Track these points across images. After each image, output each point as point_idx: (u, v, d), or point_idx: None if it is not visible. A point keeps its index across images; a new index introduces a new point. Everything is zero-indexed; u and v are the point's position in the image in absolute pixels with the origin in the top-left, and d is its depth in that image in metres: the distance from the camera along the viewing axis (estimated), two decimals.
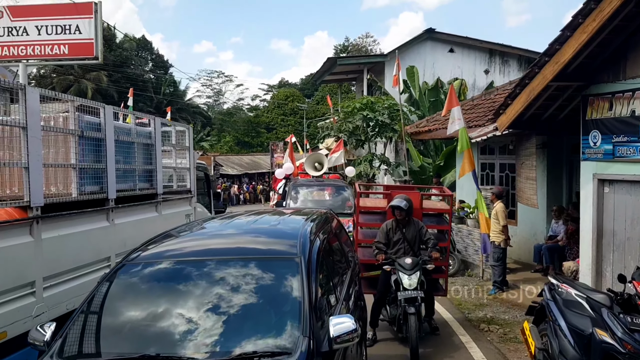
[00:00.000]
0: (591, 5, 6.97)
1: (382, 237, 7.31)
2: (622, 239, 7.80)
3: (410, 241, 7.24)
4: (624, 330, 4.57)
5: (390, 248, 7.30)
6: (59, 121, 5.99)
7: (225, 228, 5.11)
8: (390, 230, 7.32)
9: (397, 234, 7.29)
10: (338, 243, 5.67)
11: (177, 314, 3.65)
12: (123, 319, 3.74)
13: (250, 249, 4.40)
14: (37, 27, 10.89)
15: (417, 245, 7.30)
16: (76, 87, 40.66)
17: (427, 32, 23.12)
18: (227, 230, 5.04)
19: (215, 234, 4.97)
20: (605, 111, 7.83)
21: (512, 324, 8.22)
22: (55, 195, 5.69)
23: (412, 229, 7.28)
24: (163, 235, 4.77)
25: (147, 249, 4.36)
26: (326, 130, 23.31)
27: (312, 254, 4.17)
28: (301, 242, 4.25)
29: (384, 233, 7.32)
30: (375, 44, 63.55)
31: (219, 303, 3.68)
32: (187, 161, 9.49)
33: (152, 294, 3.93)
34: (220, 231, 5.05)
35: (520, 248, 12.07)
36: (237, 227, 5.15)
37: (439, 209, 8.55)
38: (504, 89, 14.11)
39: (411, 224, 7.31)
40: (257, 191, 42.70)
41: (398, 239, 7.27)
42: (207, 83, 66.86)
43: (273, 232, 4.94)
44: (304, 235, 4.44)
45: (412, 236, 7.26)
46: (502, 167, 13.01)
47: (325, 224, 5.43)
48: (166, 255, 4.27)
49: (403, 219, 7.24)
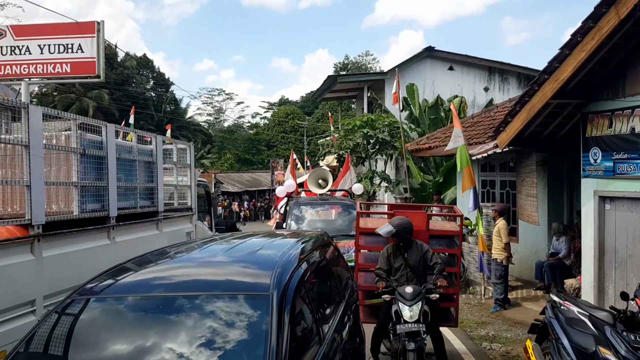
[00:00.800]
0: (590, 24, 7.03)
1: (383, 262, 6.63)
2: (624, 256, 7.78)
3: (414, 267, 6.47)
4: (628, 349, 4.54)
5: (392, 275, 6.59)
6: (61, 139, 6.02)
7: (197, 255, 4.50)
8: (391, 255, 6.60)
9: (398, 259, 6.56)
10: (330, 271, 5.03)
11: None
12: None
13: (215, 283, 3.72)
14: (40, 46, 10.99)
15: (422, 271, 6.52)
16: (77, 105, 40.83)
17: (426, 50, 23.25)
18: (197, 259, 4.42)
19: (182, 263, 4.29)
20: (605, 128, 7.85)
21: (514, 342, 8.16)
22: (57, 213, 5.69)
23: (415, 253, 6.51)
24: (125, 263, 4.20)
25: (101, 281, 3.79)
26: (327, 147, 23.35)
27: (288, 289, 3.52)
28: (277, 274, 3.59)
29: (385, 258, 6.63)
30: (375, 62, 64.08)
31: (165, 351, 3.04)
32: (189, 179, 9.50)
33: (95, 334, 3.35)
34: (189, 259, 4.38)
35: (522, 265, 12.03)
36: (210, 253, 4.53)
37: (448, 231, 7.64)
38: (504, 107, 14.18)
39: (414, 248, 6.54)
40: (257, 209, 42.68)
41: (400, 265, 6.54)
42: (207, 101, 67.27)
43: (248, 261, 4.20)
44: (283, 266, 3.79)
45: (415, 261, 6.49)
46: (502, 184, 13.01)
47: (315, 250, 4.84)
48: (118, 288, 3.67)
49: (404, 243, 6.53)
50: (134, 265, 4.09)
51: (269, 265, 3.80)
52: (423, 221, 7.05)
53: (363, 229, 7.58)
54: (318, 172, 15.05)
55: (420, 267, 6.49)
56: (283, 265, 3.80)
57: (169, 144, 9.18)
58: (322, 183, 14.42)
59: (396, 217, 6.68)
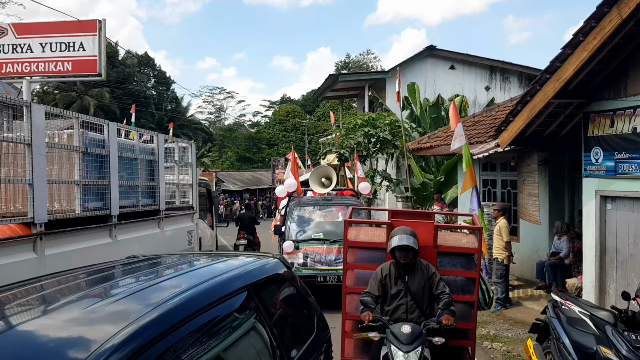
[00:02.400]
0: (592, 24, 7.02)
1: (374, 286, 5.08)
2: (625, 256, 7.78)
3: (417, 294, 5.02)
4: (629, 348, 4.54)
5: (386, 303, 5.12)
6: (63, 138, 6.03)
7: (30, 304, 2.92)
8: (387, 277, 5.09)
9: (396, 283, 5.07)
10: (265, 321, 3.34)
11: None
12: None
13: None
14: (42, 44, 11.00)
15: (427, 300, 5.09)
16: (79, 103, 40.87)
17: (427, 49, 23.24)
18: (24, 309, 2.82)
19: None
20: (607, 128, 7.85)
21: (515, 341, 8.17)
22: (59, 211, 5.71)
23: (418, 276, 5.05)
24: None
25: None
26: (328, 146, 23.35)
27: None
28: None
29: (377, 282, 5.09)
30: (377, 61, 64.09)
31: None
32: (190, 177, 9.51)
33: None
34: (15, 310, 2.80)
35: (523, 265, 12.03)
36: (48, 301, 2.95)
37: (464, 248, 5.69)
38: (505, 106, 14.16)
39: (417, 270, 5.07)
40: (257, 207, 42.69)
41: (398, 292, 5.05)
42: (208, 99, 67.26)
43: (81, 323, 2.48)
44: (127, 340, 2.19)
45: (418, 287, 5.03)
46: (503, 184, 13.01)
47: (235, 292, 3.17)
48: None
49: (409, 263, 5.04)
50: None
51: (95, 339, 2.18)
52: (430, 234, 5.45)
53: (353, 242, 5.86)
54: (321, 170, 13.49)
55: (425, 295, 5.07)
56: (126, 339, 2.19)
57: (171, 142, 9.20)
58: (326, 182, 12.99)
59: (402, 227, 5.21)
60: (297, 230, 10.88)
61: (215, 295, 2.95)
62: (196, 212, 9.76)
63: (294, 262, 10.03)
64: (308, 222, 11.21)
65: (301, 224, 11.06)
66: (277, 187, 14.40)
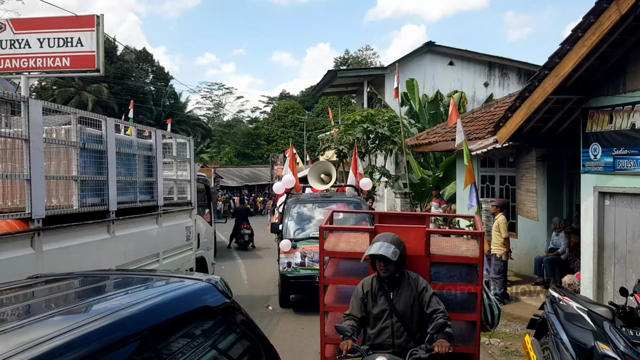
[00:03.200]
0: (591, 19, 7.02)
1: (355, 306, 4.28)
2: (623, 252, 7.79)
3: (404, 315, 4.18)
4: (626, 344, 4.55)
5: (370, 326, 4.29)
6: (61, 133, 6.02)
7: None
8: (369, 294, 4.26)
9: (379, 301, 4.23)
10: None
11: None
12: None
13: None
14: (39, 40, 10.97)
15: (417, 322, 4.23)
16: (77, 99, 40.81)
17: (426, 45, 23.23)
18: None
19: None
20: (606, 124, 7.85)
21: (513, 337, 8.19)
22: (57, 207, 5.69)
23: (405, 292, 4.21)
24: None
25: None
26: (327, 142, 23.35)
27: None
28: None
29: (359, 300, 4.28)
30: (375, 57, 64.10)
31: None
32: (188, 173, 9.50)
33: None
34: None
35: (521, 260, 12.04)
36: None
37: (462, 257, 4.74)
38: (504, 102, 14.16)
39: (404, 284, 4.24)
40: (257, 203, 42.72)
41: (381, 312, 4.20)
42: (207, 95, 67.21)
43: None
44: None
45: (405, 305, 4.19)
46: (502, 180, 13.01)
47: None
48: None
49: (391, 277, 4.22)
50: None
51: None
52: (421, 241, 4.60)
53: (331, 252, 4.99)
54: (320, 166, 12.78)
55: (414, 315, 4.22)
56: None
57: (169, 138, 9.19)
58: (325, 178, 12.33)
59: (385, 233, 4.39)
60: (295, 229, 10.51)
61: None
62: (194, 208, 9.75)
63: (291, 262, 9.91)
64: (307, 220, 10.77)
65: (299, 222, 10.66)
66: (274, 184, 13.77)
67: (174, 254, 8.63)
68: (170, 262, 8.45)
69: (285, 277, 10.04)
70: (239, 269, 15.51)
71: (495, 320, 4.82)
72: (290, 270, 9.94)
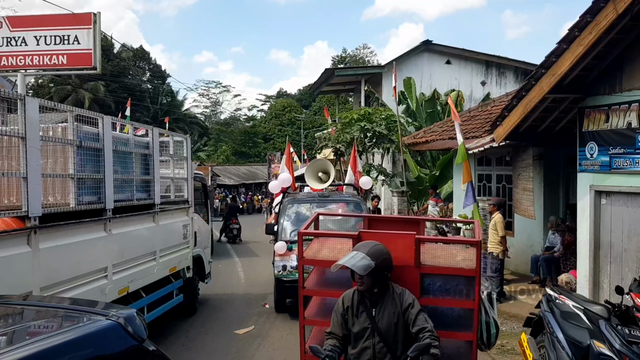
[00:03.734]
0: (587, 18, 7.02)
1: (336, 323, 3.81)
2: (619, 251, 7.81)
3: (386, 334, 3.71)
4: (622, 342, 4.57)
5: (351, 346, 3.83)
6: (57, 131, 6.01)
7: None
8: (349, 310, 3.78)
9: (360, 318, 3.75)
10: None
11: None
12: None
13: None
14: (36, 38, 10.94)
15: (402, 342, 3.73)
16: (74, 97, 40.70)
17: (424, 43, 23.24)
18: None
19: None
20: (602, 123, 7.86)
21: (509, 335, 8.20)
22: (53, 205, 5.69)
23: (389, 308, 3.72)
24: None
25: None
26: (324, 140, 23.35)
27: None
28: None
29: (339, 316, 3.80)
30: (373, 55, 64.09)
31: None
32: (185, 171, 9.50)
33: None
34: None
35: (518, 259, 12.07)
36: None
37: (456, 269, 4.16)
38: (501, 101, 14.18)
39: (388, 299, 3.74)
40: (254, 201, 42.75)
41: (362, 330, 3.74)
42: (204, 93, 67.13)
43: None
44: None
45: (389, 323, 3.70)
46: (499, 179, 13.03)
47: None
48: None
49: (369, 290, 3.71)
50: None
51: None
52: (410, 250, 4.07)
53: (311, 260, 4.43)
54: (317, 164, 11.99)
55: (399, 334, 3.73)
56: None
57: (166, 136, 9.18)
58: (323, 176, 11.49)
59: (366, 242, 3.88)
60: (291, 230, 9.95)
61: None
62: (191, 206, 9.74)
63: (286, 265, 9.51)
64: (303, 220, 9.15)
65: (296, 223, 9.96)
66: (270, 183, 13.13)
67: (170, 252, 8.63)
68: (167, 260, 8.46)
69: (281, 281, 9.62)
70: (235, 267, 15.52)
71: (492, 340, 4.37)
72: (286, 274, 9.49)
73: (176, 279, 8.93)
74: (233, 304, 10.95)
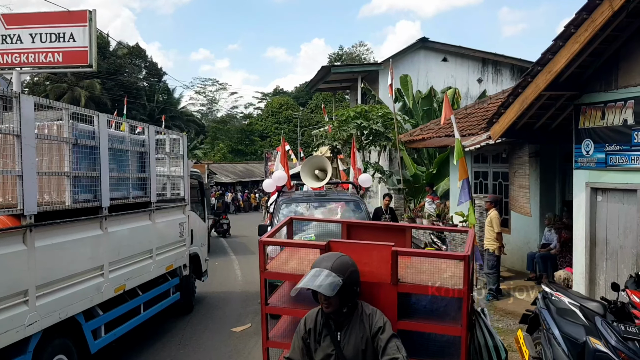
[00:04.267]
0: (583, 15, 7.03)
1: (296, 348, 3.29)
2: (615, 248, 7.83)
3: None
4: (618, 339, 4.58)
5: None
6: (53, 129, 6.00)
7: None
8: (312, 333, 3.26)
9: (323, 343, 3.22)
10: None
11: None
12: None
13: None
14: (32, 35, 10.91)
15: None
16: (69, 94, 40.59)
17: (420, 41, 23.22)
18: None
19: None
20: (598, 120, 7.88)
21: (505, 332, 8.22)
22: (49, 203, 5.67)
23: (356, 332, 3.16)
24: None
25: None
26: (320, 138, 23.34)
27: None
28: None
29: (300, 340, 3.28)
30: (369, 53, 63.99)
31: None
32: (181, 169, 9.48)
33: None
34: None
35: (514, 256, 12.09)
36: None
37: (440, 288, 3.44)
38: (497, 98, 14.19)
39: (355, 321, 3.18)
40: (250, 199, 42.73)
41: (325, 356, 3.21)
42: (200, 91, 67.04)
43: None
44: None
45: (356, 351, 3.14)
46: (495, 176, 13.05)
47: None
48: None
49: (336, 312, 3.16)
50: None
51: None
52: (386, 264, 3.44)
53: (274, 273, 3.85)
54: (314, 161, 11.42)
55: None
56: None
57: (162, 134, 9.16)
58: (320, 174, 10.95)
59: (328, 255, 3.30)
60: (285, 232, 9.27)
61: None
62: (188, 204, 9.73)
63: None
64: (299, 221, 9.13)
65: None
66: (264, 181, 12.66)
67: (167, 250, 8.62)
68: (164, 258, 8.45)
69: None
70: (232, 265, 15.51)
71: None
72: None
73: (173, 277, 8.93)
74: (230, 302, 10.95)
